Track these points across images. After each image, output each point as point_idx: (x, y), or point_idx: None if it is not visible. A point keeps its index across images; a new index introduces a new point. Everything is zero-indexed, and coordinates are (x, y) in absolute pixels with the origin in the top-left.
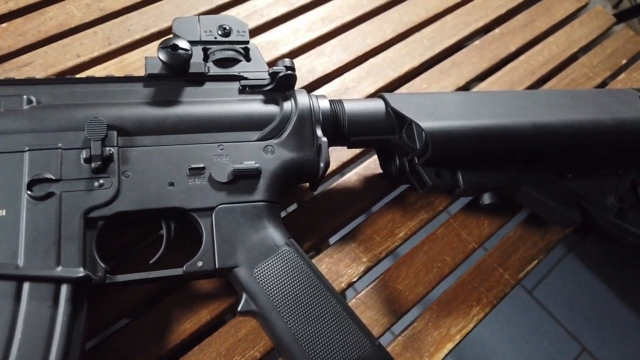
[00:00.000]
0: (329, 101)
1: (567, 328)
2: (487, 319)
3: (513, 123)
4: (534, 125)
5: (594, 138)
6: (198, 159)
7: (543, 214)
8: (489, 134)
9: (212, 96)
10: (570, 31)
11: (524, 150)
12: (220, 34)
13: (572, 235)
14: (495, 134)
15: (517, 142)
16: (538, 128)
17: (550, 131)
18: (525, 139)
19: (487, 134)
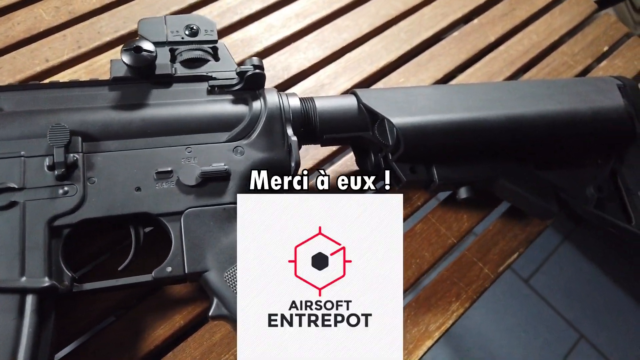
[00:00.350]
0: (299, 99)
1: (565, 316)
2: (485, 309)
3: (486, 116)
4: (507, 117)
5: (569, 128)
6: (165, 163)
7: (521, 206)
8: (461, 127)
9: (179, 98)
10: (551, 19)
11: (499, 143)
12: (187, 34)
13: (568, 223)
14: (468, 127)
15: (491, 135)
16: (511, 120)
17: (524, 123)
18: (499, 131)
19: (459, 128)
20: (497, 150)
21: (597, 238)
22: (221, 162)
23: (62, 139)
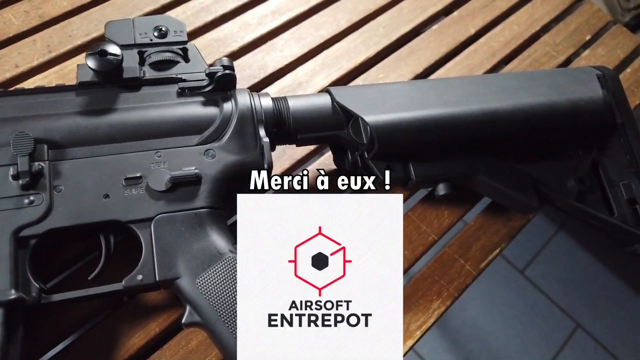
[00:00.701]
0: (271, 99)
1: (561, 306)
2: (481, 301)
3: (461, 111)
4: (482, 112)
5: (547, 121)
6: (134, 168)
7: (501, 201)
8: (436, 124)
9: (148, 101)
10: (532, 9)
11: (475, 138)
12: (156, 35)
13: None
14: (443, 123)
15: (467, 130)
16: (487, 115)
17: (501, 117)
18: (475, 126)
19: (434, 124)
20: (474, 145)
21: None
22: (192, 166)
23: (26, 147)
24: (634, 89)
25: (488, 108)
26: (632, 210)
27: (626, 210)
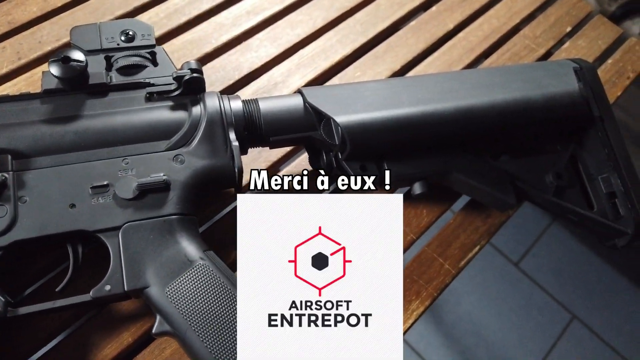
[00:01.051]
0: (241, 101)
1: (556, 297)
2: (476, 295)
3: (434, 109)
4: (456, 109)
5: (522, 116)
6: (101, 176)
7: (479, 198)
8: (409, 122)
9: (115, 107)
10: (511, 2)
11: (450, 136)
12: (123, 39)
13: None
14: (416, 122)
15: (440, 128)
16: (461, 112)
17: (475, 114)
18: (449, 124)
19: (407, 123)
20: (449, 143)
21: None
22: (160, 173)
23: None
24: (615, 80)
25: (462, 105)
26: (612, 204)
27: (606, 204)
